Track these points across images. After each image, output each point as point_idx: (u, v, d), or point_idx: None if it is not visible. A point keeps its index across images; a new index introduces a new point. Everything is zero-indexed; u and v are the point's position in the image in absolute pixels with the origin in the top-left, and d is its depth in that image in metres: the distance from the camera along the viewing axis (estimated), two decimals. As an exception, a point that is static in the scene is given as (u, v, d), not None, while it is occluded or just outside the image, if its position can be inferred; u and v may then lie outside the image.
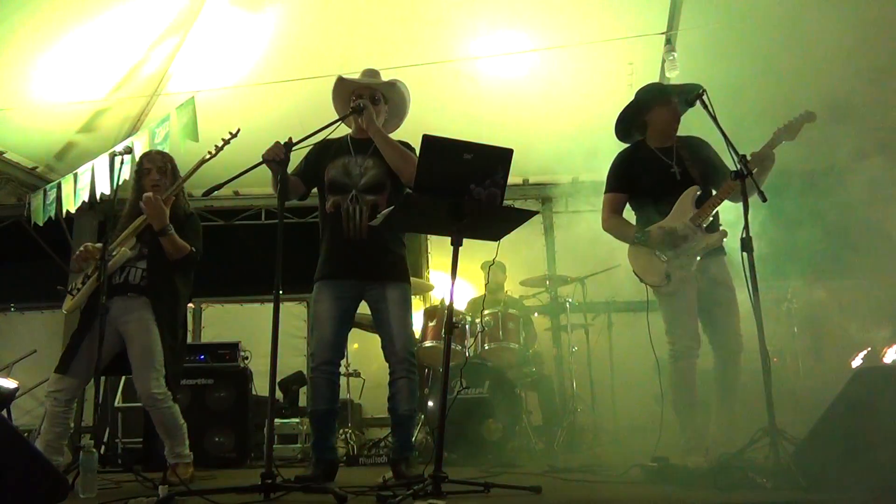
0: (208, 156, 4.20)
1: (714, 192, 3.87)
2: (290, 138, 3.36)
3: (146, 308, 4.02)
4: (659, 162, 4.00)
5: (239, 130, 4.15)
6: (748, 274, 3.27)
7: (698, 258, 3.83)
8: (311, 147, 3.85)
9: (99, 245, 4.22)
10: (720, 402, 3.83)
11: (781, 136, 3.72)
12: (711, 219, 3.86)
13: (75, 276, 4.23)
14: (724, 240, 3.90)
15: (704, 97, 3.67)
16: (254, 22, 6.33)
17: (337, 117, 3.84)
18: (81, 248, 4.19)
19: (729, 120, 3.73)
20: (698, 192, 3.88)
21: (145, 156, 4.36)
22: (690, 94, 3.78)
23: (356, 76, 4.05)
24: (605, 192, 4.16)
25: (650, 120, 4.09)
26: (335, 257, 3.84)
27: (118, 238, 4.09)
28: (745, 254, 3.29)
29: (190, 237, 4.16)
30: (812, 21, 5.47)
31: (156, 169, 4.21)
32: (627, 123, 4.20)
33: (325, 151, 3.93)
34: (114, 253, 3.97)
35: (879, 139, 5.32)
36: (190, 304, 8.47)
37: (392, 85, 4.00)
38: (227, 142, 4.16)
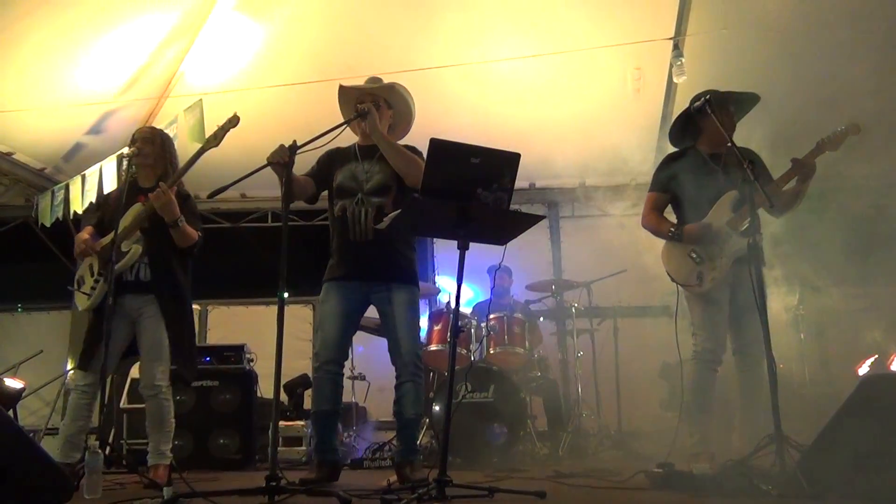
0: (208, 145, 4.04)
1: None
2: (295, 141, 3.37)
3: (154, 304, 4.04)
4: (706, 167, 4.01)
5: (238, 118, 3.97)
6: (754, 280, 3.26)
7: (733, 261, 3.83)
8: (323, 151, 3.87)
9: (92, 238, 4.16)
10: (745, 411, 3.82)
11: (825, 146, 3.71)
12: (748, 224, 3.86)
13: (83, 270, 4.18)
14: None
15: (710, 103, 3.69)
16: (262, 25, 6.35)
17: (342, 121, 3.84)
18: (80, 244, 4.13)
19: (739, 126, 3.73)
20: (736, 197, 3.89)
21: (137, 130, 4.33)
22: (746, 103, 3.81)
23: (359, 83, 4.04)
24: (649, 191, 4.21)
25: (705, 125, 4.06)
26: (343, 260, 3.85)
27: (120, 230, 3.98)
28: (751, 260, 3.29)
29: (191, 221, 4.13)
30: (823, 24, 5.46)
31: (141, 139, 4.16)
32: (683, 126, 4.18)
33: (334, 158, 3.96)
34: (125, 250, 3.94)
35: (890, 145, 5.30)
36: (196, 306, 8.53)
37: (391, 88, 3.99)
38: (224, 129, 3.97)
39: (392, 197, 3.84)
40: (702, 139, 4.12)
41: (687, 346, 3.95)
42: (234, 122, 3.99)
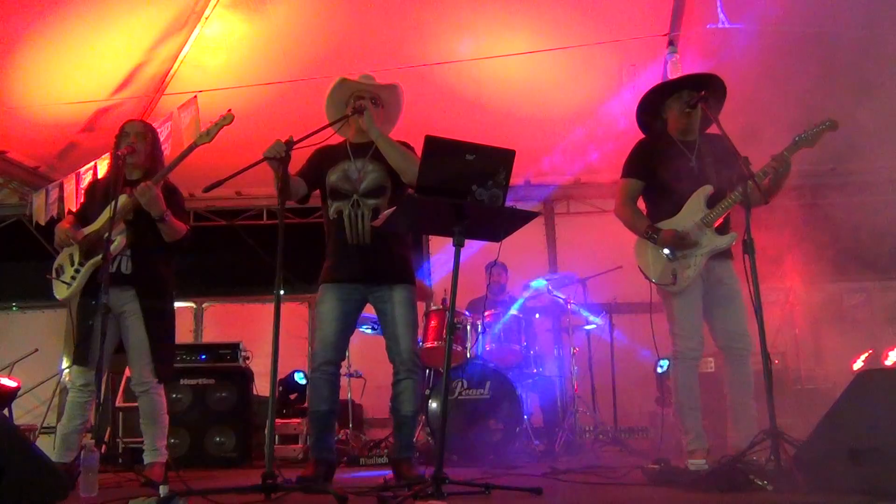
0: (200, 141, 4.04)
1: (728, 194, 3.81)
2: (291, 136, 3.37)
3: (135, 301, 4.03)
4: (679, 153, 3.94)
5: (232, 115, 4.00)
6: (750, 276, 3.27)
7: (706, 259, 3.81)
8: (313, 151, 3.86)
9: (72, 228, 4.11)
10: (736, 406, 3.80)
11: (801, 143, 3.67)
12: (722, 221, 3.85)
13: (62, 259, 4.14)
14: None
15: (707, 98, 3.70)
16: (257, 22, 6.34)
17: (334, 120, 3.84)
18: (61, 233, 4.08)
19: (733, 122, 3.72)
20: (710, 192, 3.86)
21: (128, 123, 4.29)
22: (695, 96, 3.79)
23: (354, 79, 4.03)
24: (622, 177, 4.11)
25: (666, 114, 4.04)
26: (341, 263, 3.83)
27: (103, 219, 3.95)
28: (746, 256, 3.29)
29: (178, 215, 4.12)
30: (818, 23, 5.46)
31: (135, 135, 4.15)
32: (647, 115, 4.13)
33: (324, 157, 3.93)
34: (113, 239, 3.87)
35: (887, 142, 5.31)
36: (191, 304, 8.55)
37: (392, 88, 3.98)
38: (218, 125, 3.99)
39: (388, 198, 3.83)
40: (669, 127, 4.05)
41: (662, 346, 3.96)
42: (228, 119, 3.99)
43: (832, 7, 5.53)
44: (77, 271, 4.06)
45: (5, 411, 5.94)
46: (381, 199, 3.83)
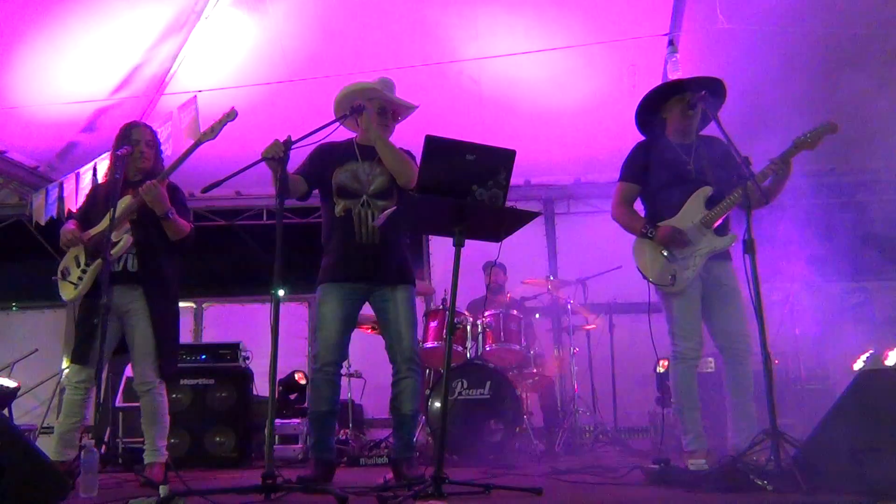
0: (205, 138, 4.05)
1: (726, 195, 3.80)
2: (289, 136, 3.36)
3: (142, 298, 4.03)
4: (676, 156, 3.94)
5: (235, 112, 4.00)
6: (750, 276, 3.26)
7: (705, 260, 3.81)
8: (314, 148, 3.85)
9: (82, 231, 4.13)
10: (735, 407, 3.79)
11: (800, 145, 3.66)
12: (721, 222, 3.85)
13: (67, 260, 4.14)
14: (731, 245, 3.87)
15: (704, 101, 3.70)
16: (257, 22, 6.34)
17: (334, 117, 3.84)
18: (67, 234, 4.10)
19: (733, 122, 3.72)
20: (710, 193, 3.85)
21: (134, 128, 4.24)
22: (698, 95, 3.79)
23: (371, 82, 4.02)
24: (619, 181, 4.12)
25: (666, 115, 4.03)
26: (347, 261, 3.82)
27: (109, 219, 3.88)
28: (747, 256, 3.28)
29: (182, 212, 4.13)
30: (816, 22, 5.47)
31: (145, 143, 4.15)
32: (647, 115, 4.11)
33: (329, 155, 3.92)
34: (115, 240, 3.89)
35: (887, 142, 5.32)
36: (191, 304, 8.55)
37: (410, 109, 4.01)
38: (221, 122, 4.00)
39: (394, 200, 3.84)
40: (668, 129, 4.04)
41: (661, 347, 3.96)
42: (231, 115, 4.00)
43: (832, 6, 5.54)
44: (84, 272, 4.07)
45: (5, 411, 5.94)
46: (390, 200, 3.84)
